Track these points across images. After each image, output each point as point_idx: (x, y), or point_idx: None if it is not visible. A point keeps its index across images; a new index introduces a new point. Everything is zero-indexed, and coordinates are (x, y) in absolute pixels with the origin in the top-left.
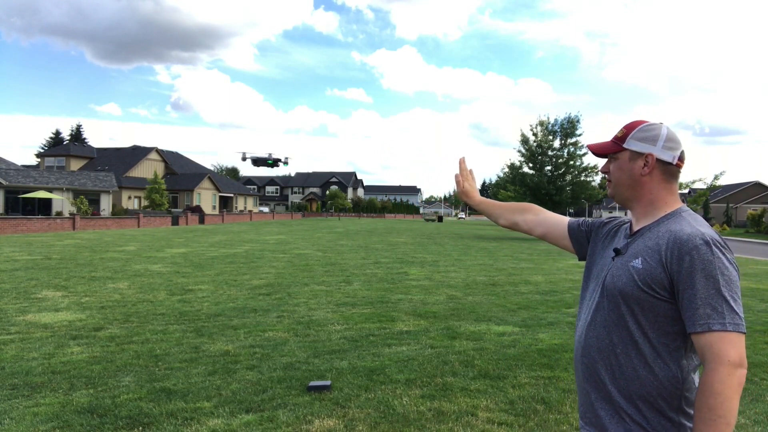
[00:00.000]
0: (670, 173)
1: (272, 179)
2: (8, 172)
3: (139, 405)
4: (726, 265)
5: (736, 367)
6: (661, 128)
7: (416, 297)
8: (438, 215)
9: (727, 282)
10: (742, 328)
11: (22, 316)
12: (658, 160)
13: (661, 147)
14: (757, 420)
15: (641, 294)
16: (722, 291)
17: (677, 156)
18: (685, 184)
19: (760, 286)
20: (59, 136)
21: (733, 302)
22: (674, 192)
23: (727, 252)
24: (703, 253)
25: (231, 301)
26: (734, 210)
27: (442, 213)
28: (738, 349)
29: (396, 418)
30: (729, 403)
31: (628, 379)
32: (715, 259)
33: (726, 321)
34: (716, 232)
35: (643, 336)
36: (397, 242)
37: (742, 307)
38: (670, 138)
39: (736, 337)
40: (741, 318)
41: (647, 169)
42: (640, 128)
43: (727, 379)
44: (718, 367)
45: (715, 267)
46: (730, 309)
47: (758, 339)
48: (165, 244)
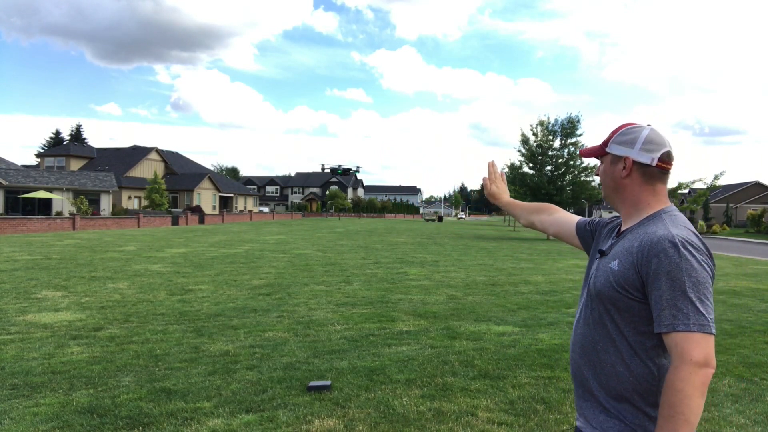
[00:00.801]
0: (650, 175)
1: (272, 179)
2: (8, 172)
3: (139, 405)
4: (694, 267)
5: (701, 367)
6: (642, 131)
7: (416, 297)
8: (438, 215)
9: (694, 284)
10: (708, 329)
11: (22, 316)
12: (636, 162)
13: (638, 150)
14: (757, 420)
15: (617, 295)
16: (688, 292)
17: (656, 158)
18: (685, 184)
19: (760, 286)
20: (59, 136)
21: (699, 303)
22: (658, 193)
23: (698, 253)
24: (671, 256)
25: (231, 301)
26: (734, 210)
27: (442, 213)
28: (703, 349)
29: (396, 418)
30: (689, 401)
31: (607, 375)
32: (682, 261)
33: (690, 322)
34: (694, 233)
35: (621, 335)
36: (397, 242)
37: (711, 308)
38: (648, 140)
39: (702, 338)
40: (708, 319)
41: (625, 171)
42: (622, 131)
43: (688, 378)
44: (681, 366)
45: (682, 269)
46: (695, 310)
47: (758, 339)
48: (165, 244)
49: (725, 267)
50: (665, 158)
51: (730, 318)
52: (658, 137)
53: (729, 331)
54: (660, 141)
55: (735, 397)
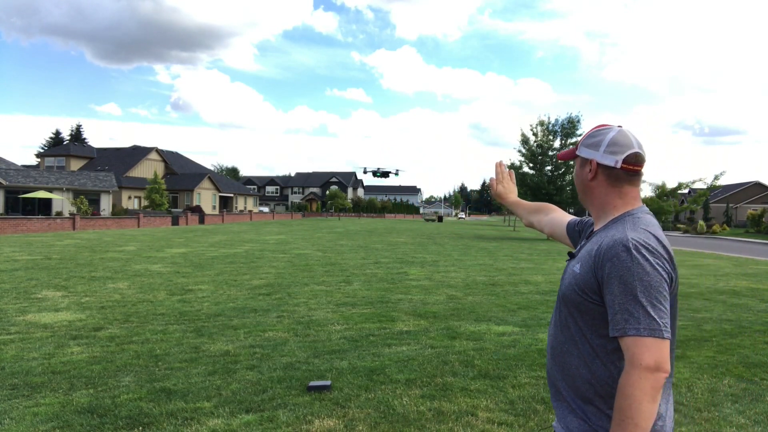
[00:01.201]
0: (616, 177)
1: (272, 179)
2: (8, 172)
3: (139, 405)
4: (646, 271)
5: (651, 371)
6: (608, 133)
7: (416, 297)
8: (438, 215)
9: (646, 288)
10: (660, 334)
11: (22, 316)
12: (601, 165)
13: (602, 152)
14: (757, 420)
15: (578, 298)
16: (639, 297)
17: (620, 160)
18: (685, 184)
19: (760, 286)
20: (59, 136)
21: (651, 308)
22: (625, 195)
23: (652, 256)
24: (623, 260)
25: (231, 301)
26: (734, 210)
27: (442, 213)
28: (654, 353)
29: (396, 418)
30: (639, 406)
31: (573, 377)
32: (634, 264)
33: (641, 326)
34: (655, 235)
35: (583, 337)
36: (397, 242)
37: (665, 312)
38: (613, 142)
39: (653, 342)
40: (660, 323)
41: (591, 174)
42: (590, 134)
43: (638, 383)
44: (631, 371)
45: (633, 273)
46: (646, 314)
47: (758, 339)
48: (165, 244)
49: (725, 267)
50: (631, 160)
51: (730, 318)
52: (624, 139)
53: (729, 331)
54: (625, 143)
55: (735, 397)
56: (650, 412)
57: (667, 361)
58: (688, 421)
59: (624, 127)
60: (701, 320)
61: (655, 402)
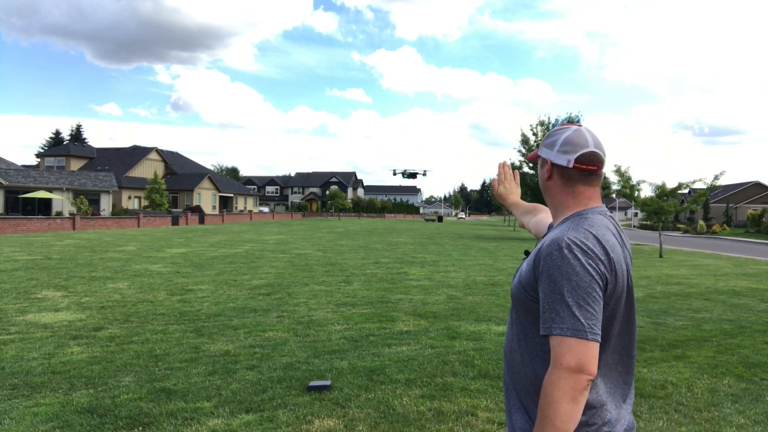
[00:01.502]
0: (569, 177)
1: (272, 179)
2: (8, 172)
3: (139, 405)
4: (576, 271)
5: (572, 372)
6: (563, 133)
7: (416, 297)
8: (438, 215)
9: (574, 288)
10: (584, 335)
11: (22, 316)
12: (555, 164)
13: (556, 152)
14: (757, 420)
15: (522, 295)
16: (565, 296)
17: (572, 159)
18: (685, 184)
19: (760, 286)
20: (59, 136)
21: (576, 308)
22: (578, 195)
23: (584, 256)
24: (555, 259)
25: (231, 301)
26: (734, 210)
27: (442, 213)
28: (576, 354)
29: (396, 418)
30: (556, 405)
31: (518, 374)
32: (564, 264)
33: (565, 326)
34: (596, 236)
35: (525, 336)
36: (397, 242)
37: (593, 313)
38: (566, 142)
39: (576, 343)
40: (584, 324)
41: (547, 174)
42: (549, 134)
43: (557, 383)
44: (553, 370)
45: (562, 272)
46: (571, 314)
47: (758, 339)
48: (165, 244)
49: (725, 267)
50: (584, 159)
51: (730, 318)
52: (578, 138)
53: (729, 331)
54: (580, 142)
55: (735, 397)
56: (569, 413)
57: (591, 364)
58: (688, 421)
59: (583, 127)
60: (701, 320)
61: (575, 404)
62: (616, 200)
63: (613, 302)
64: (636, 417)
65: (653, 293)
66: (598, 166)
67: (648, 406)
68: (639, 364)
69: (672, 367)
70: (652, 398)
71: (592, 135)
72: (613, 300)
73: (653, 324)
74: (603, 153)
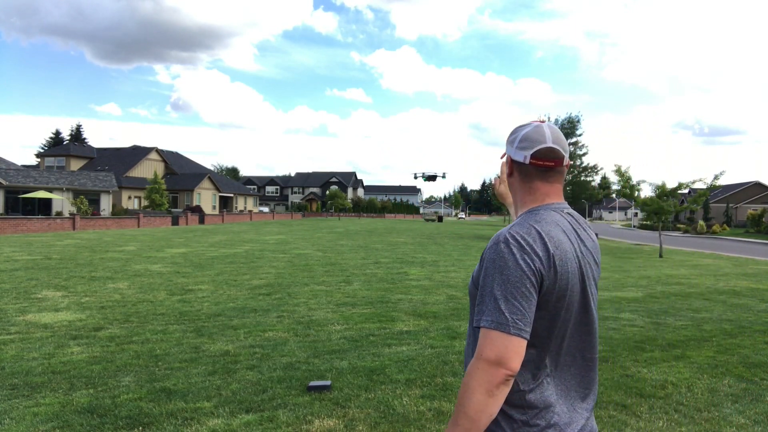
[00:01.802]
0: (527, 173)
1: (272, 179)
2: (8, 172)
3: (139, 405)
4: (508, 265)
5: (491, 365)
6: (522, 129)
7: (416, 297)
8: (438, 215)
9: (504, 282)
10: (508, 329)
11: (22, 316)
12: (515, 161)
13: (515, 148)
14: (757, 420)
15: (474, 291)
16: (494, 289)
17: (528, 155)
18: (685, 184)
19: (760, 286)
20: (59, 136)
21: (503, 302)
22: (535, 191)
23: (520, 251)
24: (492, 252)
25: (231, 301)
26: (734, 210)
27: (442, 213)
28: (497, 347)
29: (396, 418)
30: (471, 395)
31: None
32: (498, 257)
33: (490, 318)
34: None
35: (473, 330)
36: (397, 242)
37: (520, 308)
38: (524, 138)
39: (498, 336)
40: (509, 319)
41: (508, 171)
42: (511, 131)
43: (475, 373)
44: (473, 361)
45: (496, 265)
46: (497, 308)
47: (758, 339)
48: (165, 244)
49: (725, 267)
50: (540, 155)
51: (730, 318)
52: (536, 134)
53: (729, 331)
54: (537, 138)
55: (735, 397)
56: (482, 404)
57: (512, 359)
58: (688, 421)
59: (546, 123)
60: (701, 320)
61: (490, 396)
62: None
63: (554, 300)
64: (636, 417)
65: (653, 293)
66: (556, 162)
67: (648, 406)
68: (639, 364)
69: (672, 367)
70: (652, 398)
71: (553, 131)
72: (554, 297)
73: (653, 324)
74: (563, 149)
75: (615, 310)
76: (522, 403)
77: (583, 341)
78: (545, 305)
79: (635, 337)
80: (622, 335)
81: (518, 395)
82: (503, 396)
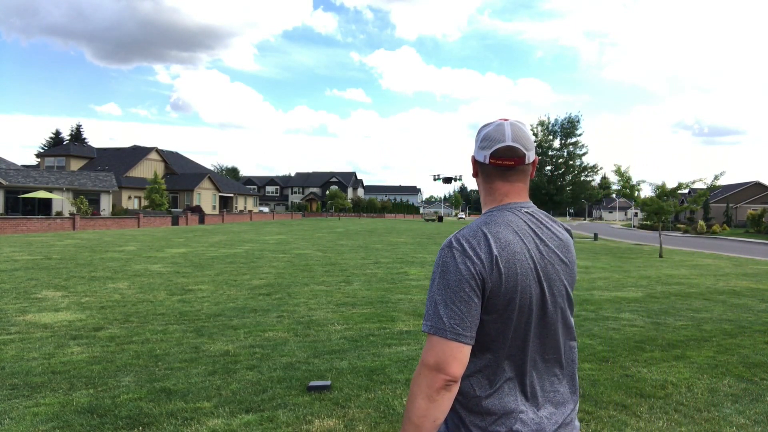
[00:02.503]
0: (488, 173)
1: (272, 179)
2: (8, 172)
3: (139, 405)
4: (448, 269)
5: (430, 370)
6: (486, 129)
7: (416, 297)
8: (438, 215)
9: (444, 286)
10: (445, 334)
11: (22, 316)
12: (477, 161)
13: (477, 148)
14: (757, 420)
15: None
16: (435, 294)
17: (488, 155)
18: (685, 185)
19: (760, 286)
20: (59, 136)
21: (442, 306)
22: (494, 192)
23: (461, 255)
24: (438, 257)
25: (231, 301)
26: (734, 210)
27: (442, 213)
28: (436, 353)
29: (396, 418)
30: (414, 400)
31: None
32: (441, 262)
33: (429, 323)
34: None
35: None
36: (397, 242)
37: (459, 313)
38: (485, 137)
39: (437, 342)
40: (446, 323)
41: (473, 171)
42: (477, 131)
43: (417, 378)
44: (418, 366)
45: (439, 270)
46: (435, 312)
47: (758, 339)
48: (165, 244)
49: (725, 267)
50: (499, 154)
51: (730, 318)
52: (496, 133)
53: (729, 331)
54: (496, 137)
55: (735, 397)
56: (423, 409)
57: (450, 364)
58: (688, 421)
59: (509, 121)
60: (701, 320)
61: (431, 401)
62: (616, 200)
63: (503, 302)
64: (636, 417)
65: (653, 293)
66: (516, 160)
67: (648, 406)
68: (639, 364)
69: (672, 367)
70: (652, 398)
71: (515, 129)
72: (502, 300)
73: (653, 324)
74: (523, 147)
75: (615, 310)
76: (479, 409)
77: (543, 344)
78: (494, 308)
79: (635, 337)
80: (622, 335)
81: (474, 401)
82: (446, 401)
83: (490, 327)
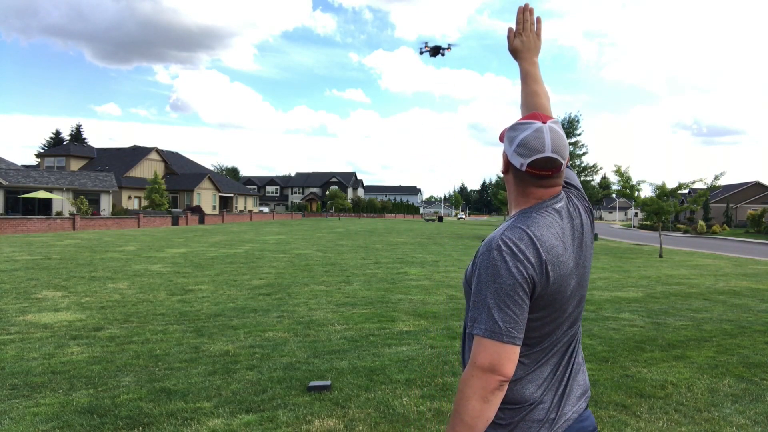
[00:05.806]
0: (521, 177)
1: (272, 179)
2: (8, 172)
3: (139, 405)
4: (500, 273)
5: (484, 372)
6: (524, 131)
7: (416, 297)
8: (438, 215)
9: (497, 289)
10: (499, 337)
11: (22, 316)
12: (511, 163)
13: (512, 151)
14: (757, 420)
15: (467, 289)
16: (487, 297)
17: (526, 164)
18: (685, 185)
19: (760, 286)
20: (59, 136)
21: (496, 310)
22: (528, 195)
23: (512, 258)
24: (485, 259)
25: (231, 301)
26: (734, 210)
27: (442, 213)
28: (490, 355)
29: (396, 418)
30: (466, 402)
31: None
32: (490, 265)
33: (483, 326)
34: (531, 236)
35: (468, 329)
36: (397, 242)
37: (513, 316)
38: (523, 144)
39: (491, 344)
40: (501, 327)
41: (504, 167)
42: (512, 126)
43: (470, 380)
44: (468, 368)
45: (489, 273)
46: (490, 316)
47: (758, 339)
48: (165, 244)
49: (725, 267)
50: (538, 165)
51: (730, 318)
52: (535, 141)
53: (729, 331)
54: (536, 146)
55: (735, 397)
56: (477, 411)
57: (505, 366)
58: (688, 421)
59: (548, 125)
60: (701, 320)
61: (486, 402)
62: (616, 200)
63: (546, 304)
64: (636, 417)
65: (653, 293)
66: (553, 171)
67: (648, 406)
68: (639, 364)
69: (672, 367)
70: (652, 398)
71: (554, 136)
72: (546, 302)
73: (653, 324)
74: (561, 157)
75: (615, 310)
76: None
77: (571, 335)
78: (536, 308)
79: (635, 337)
80: (622, 335)
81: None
82: (498, 401)
83: (530, 324)
